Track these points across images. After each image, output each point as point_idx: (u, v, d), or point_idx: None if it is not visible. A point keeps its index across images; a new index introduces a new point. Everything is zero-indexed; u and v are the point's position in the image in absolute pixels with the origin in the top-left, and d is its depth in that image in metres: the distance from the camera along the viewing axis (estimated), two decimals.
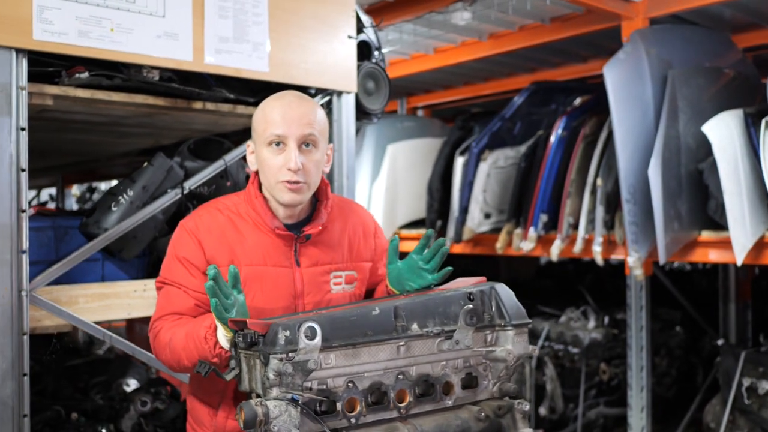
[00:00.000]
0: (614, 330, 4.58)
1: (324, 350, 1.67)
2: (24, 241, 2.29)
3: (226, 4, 2.65)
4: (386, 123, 5.40)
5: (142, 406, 3.15)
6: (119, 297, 2.63)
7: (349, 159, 3.04)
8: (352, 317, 1.74)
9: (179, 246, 1.99)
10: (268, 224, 1.99)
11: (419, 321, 1.81)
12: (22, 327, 2.30)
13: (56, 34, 2.31)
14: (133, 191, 2.59)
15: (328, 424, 1.68)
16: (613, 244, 4.21)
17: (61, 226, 2.62)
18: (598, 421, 4.49)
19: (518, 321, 1.90)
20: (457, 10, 3.92)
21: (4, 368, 2.26)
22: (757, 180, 3.54)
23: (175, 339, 1.89)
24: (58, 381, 3.51)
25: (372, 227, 2.22)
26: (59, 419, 2.91)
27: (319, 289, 2.05)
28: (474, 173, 4.58)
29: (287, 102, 1.99)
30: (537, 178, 4.40)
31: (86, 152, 4.01)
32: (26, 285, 2.31)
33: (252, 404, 1.58)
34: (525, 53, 4.97)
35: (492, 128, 4.59)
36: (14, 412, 2.28)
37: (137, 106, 2.62)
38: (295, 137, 1.94)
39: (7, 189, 2.26)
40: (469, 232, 4.65)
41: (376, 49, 3.22)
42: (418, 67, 5.31)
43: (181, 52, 2.55)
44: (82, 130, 3.11)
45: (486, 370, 1.92)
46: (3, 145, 2.26)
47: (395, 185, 5.22)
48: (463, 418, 1.83)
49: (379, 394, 1.77)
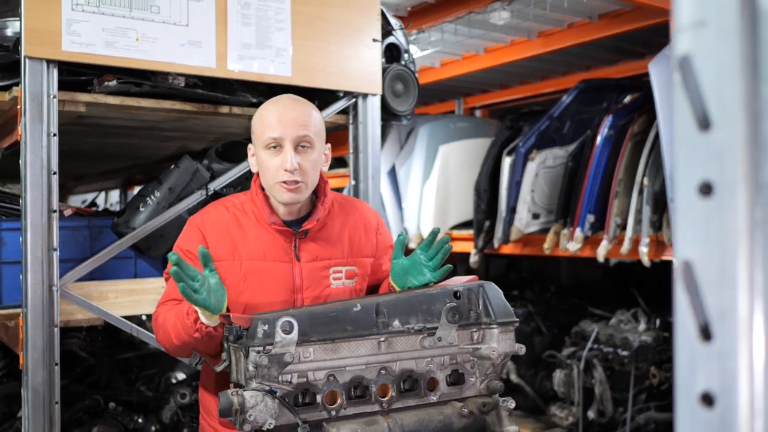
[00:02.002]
0: (665, 333, 4.46)
1: (302, 344, 1.74)
2: (54, 240, 2.45)
3: (249, 11, 2.75)
4: (439, 124, 5.42)
5: (182, 398, 3.29)
6: (147, 293, 2.77)
7: (375, 161, 3.10)
8: (332, 313, 1.80)
9: (185, 239, 2.10)
10: (266, 220, 2.07)
11: (401, 318, 1.85)
12: (53, 320, 2.46)
13: (84, 45, 2.46)
14: (160, 192, 2.73)
15: (308, 416, 1.75)
16: (662, 244, 4.11)
17: (95, 225, 2.78)
18: (648, 426, 4.38)
19: (504, 319, 1.91)
20: (495, 10, 3.92)
21: (35, 358, 2.42)
22: None
23: (167, 319, 2.00)
24: (111, 373, 3.70)
25: (374, 223, 2.27)
26: (98, 407, 3.08)
27: (318, 283, 2.11)
28: (521, 173, 4.56)
29: (282, 105, 2.08)
30: (583, 178, 4.33)
31: (137, 156, 4.21)
32: (56, 281, 2.46)
33: (228, 394, 1.67)
34: (577, 51, 4.90)
35: (540, 128, 4.55)
36: (45, 399, 2.44)
37: (166, 111, 2.75)
38: (290, 139, 2.02)
39: (39, 191, 2.43)
40: (516, 233, 4.63)
41: (405, 52, 3.26)
42: (469, 67, 5.31)
43: (205, 59, 2.67)
44: (124, 134, 3.28)
45: (473, 367, 1.94)
46: (35, 150, 2.43)
47: (447, 186, 5.24)
48: (445, 414, 1.86)
49: (362, 388, 1.82)
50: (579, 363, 4.53)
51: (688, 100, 0.54)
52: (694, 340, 0.55)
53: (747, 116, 0.50)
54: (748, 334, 0.51)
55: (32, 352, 2.42)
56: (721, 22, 0.52)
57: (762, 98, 0.50)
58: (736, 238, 0.51)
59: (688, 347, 0.56)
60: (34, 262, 2.42)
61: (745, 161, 0.50)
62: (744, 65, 0.50)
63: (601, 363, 4.50)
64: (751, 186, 0.50)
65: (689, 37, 0.54)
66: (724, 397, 0.52)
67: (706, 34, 0.53)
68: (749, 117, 0.50)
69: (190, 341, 1.90)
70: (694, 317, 0.54)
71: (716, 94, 0.52)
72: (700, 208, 0.55)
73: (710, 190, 0.53)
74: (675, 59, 0.57)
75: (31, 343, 2.42)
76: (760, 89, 0.50)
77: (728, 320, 0.52)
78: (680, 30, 0.55)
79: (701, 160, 0.54)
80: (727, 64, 0.51)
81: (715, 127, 0.52)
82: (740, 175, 0.51)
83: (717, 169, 0.52)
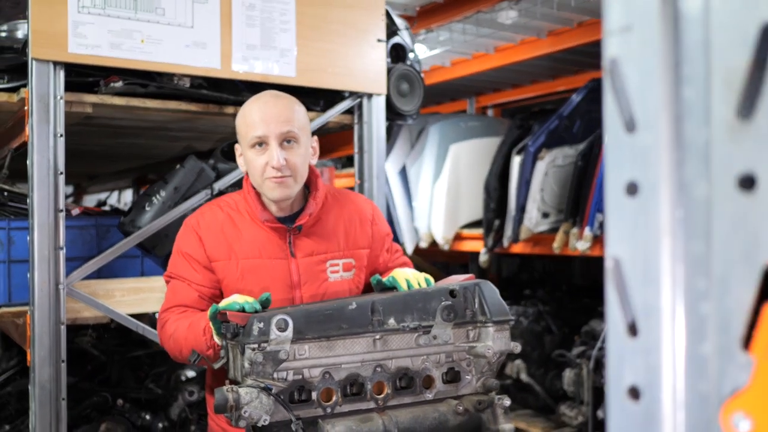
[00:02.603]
0: None
1: (297, 342, 1.76)
2: (61, 239, 2.49)
3: (254, 13, 2.78)
4: (449, 123, 5.42)
5: (189, 396, 3.33)
6: (153, 291, 2.81)
7: (379, 160, 3.11)
8: (327, 311, 1.82)
9: (183, 242, 2.12)
10: (259, 218, 2.09)
11: (396, 316, 1.87)
12: (60, 317, 2.50)
13: (90, 47, 2.50)
14: (166, 192, 2.76)
15: (303, 412, 1.77)
16: None
17: (103, 224, 2.82)
18: None
19: (499, 318, 1.92)
20: (503, 9, 3.92)
21: (42, 355, 2.47)
22: None
23: (178, 330, 2.01)
24: (121, 370, 3.75)
25: (369, 214, 2.26)
26: (106, 405, 3.12)
27: (316, 278, 2.12)
28: (531, 172, 4.55)
29: (264, 102, 2.07)
30: (593, 177, 4.32)
31: (147, 155, 4.26)
32: (63, 279, 2.50)
33: (223, 390, 1.69)
34: (587, 50, 4.88)
35: (549, 126, 4.54)
36: (52, 395, 2.48)
37: (172, 111, 2.79)
38: (275, 136, 2.02)
39: (46, 191, 2.47)
40: (526, 232, 4.62)
41: (410, 51, 3.27)
42: (480, 66, 5.31)
43: (209, 60, 2.70)
44: (133, 135, 3.32)
45: (469, 365, 1.95)
46: (42, 151, 2.47)
47: (458, 185, 5.24)
48: (441, 411, 1.87)
49: (358, 385, 1.84)
50: (589, 362, 4.52)
51: (615, 102, 0.55)
52: (622, 335, 0.56)
53: (669, 118, 0.51)
54: (672, 329, 0.52)
55: (39, 349, 2.47)
56: (645, 26, 0.53)
57: (683, 101, 0.51)
58: (659, 236, 0.53)
59: (617, 343, 0.57)
60: (41, 260, 2.47)
61: (667, 162, 0.52)
62: (666, 68, 0.51)
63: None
64: (673, 186, 0.52)
65: (617, 41, 0.56)
66: (650, 391, 0.53)
67: (631, 38, 0.54)
68: (672, 119, 0.51)
69: (202, 353, 1.93)
70: (622, 313, 0.55)
71: (641, 96, 0.53)
72: (628, 207, 0.56)
73: (636, 190, 0.54)
74: (605, 63, 0.58)
75: (38, 341, 2.47)
76: (681, 92, 0.51)
77: (652, 316, 0.53)
78: (609, 34, 0.57)
79: (628, 161, 0.55)
80: (650, 67, 0.52)
81: (640, 128, 0.54)
82: (663, 176, 0.52)
83: (642, 170, 0.53)
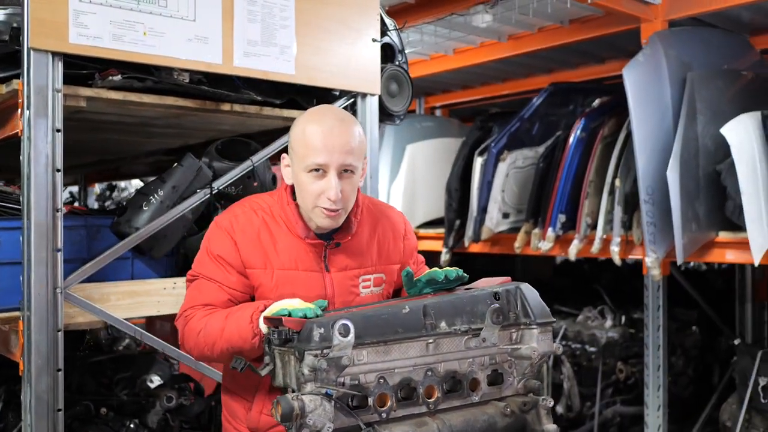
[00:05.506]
0: (631, 329, 4.61)
1: (356, 347, 1.72)
2: (59, 240, 2.35)
3: (255, 8, 2.71)
4: (405, 123, 5.43)
5: (168, 402, 3.20)
6: (149, 294, 2.70)
7: (373, 159, 3.10)
8: (383, 315, 1.79)
9: (214, 243, 2.04)
10: (299, 234, 2.04)
11: (447, 319, 1.86)
12: (57, 324, 2.36)
13: (91, 38, 2.37)
14: (164, 191, 2.65)
15: (360, 418, 1.74)
16: (631, 244, 4.24)
17: (93, 224, 2.69)
18: (615, 420, 4.53)
19: (543, 320, 1.94)
20: (478, 13, 3.96)
21: (39, 364, 2.33)
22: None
23: (210, 324, 1.94)
24: (83, 377, 3.58)
25: (402, 229, 2.25)
26: (89, 414, 2.98)
27: (348, 292, 2.09)
28: (493, 173, 4.62)
29: (329, 128, 1.96)
30: (555, 179, 4.43)
31: (113, 151, 4.08)
32: (61, 283, 2.36)
33: (289, 398, 1.64)
34: (544, 54, 5.00)
35: (511, 129, 4.63)
36: (49, 406, 2.34)
37: (167, 107, 2.68)
38: (335, 166, 1.95)
39: (44, 189, 2.33)
40: (487, 232, 4.69)
41: (399, 52, 3.26)
42: (437, 67, 5.35)
43: (211, 55, 2.61)
44: (112, 130, 3.17)
45: (511, 367, 1.96)
46: (39, 147, 2.32)
47: (414, 184, 5.28)
48: (489, 414, 1.88)
49: (409, 389, 1.82)
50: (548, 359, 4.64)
51: None
52: None
53: None
54: None
55: (36, 358, 2.32)
56: None
57: None
58: None
59: None
60: (38, 263, 2.32)
61: None
62: None
63: (569, 359, 4.62)
64: None
65: None
66: None
67: None
68: None
69: (241, 346, 1.86)
70: None
71: None
72: None
73: None
74: None
75: (34, 349, 2.32)
76: None
77: None
78: None
79: None
80: None
81: None
82: None
83: None
